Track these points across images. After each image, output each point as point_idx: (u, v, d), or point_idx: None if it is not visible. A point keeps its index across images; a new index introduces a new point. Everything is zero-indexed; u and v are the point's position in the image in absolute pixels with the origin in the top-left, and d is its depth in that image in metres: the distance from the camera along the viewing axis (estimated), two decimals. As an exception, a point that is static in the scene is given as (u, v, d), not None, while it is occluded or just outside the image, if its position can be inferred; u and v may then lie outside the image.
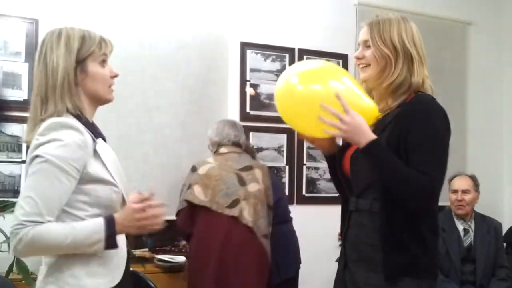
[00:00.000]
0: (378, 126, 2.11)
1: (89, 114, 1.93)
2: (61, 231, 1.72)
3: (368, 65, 2.16)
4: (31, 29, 3.80)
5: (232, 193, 3.44)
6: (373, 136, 2.00)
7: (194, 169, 3.58)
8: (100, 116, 3.79)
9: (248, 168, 3.53)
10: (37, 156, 1.72)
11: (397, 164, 1.99)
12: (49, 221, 1.70)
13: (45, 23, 3.74)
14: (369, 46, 2.15)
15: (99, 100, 1.97)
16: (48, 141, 1.73)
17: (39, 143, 1.74)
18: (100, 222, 1.77)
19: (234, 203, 3.43)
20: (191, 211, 3.52)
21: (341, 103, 2.00)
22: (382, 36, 2.12)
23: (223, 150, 3.62)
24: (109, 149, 1.96)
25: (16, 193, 3.66)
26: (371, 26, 2.16)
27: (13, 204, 3.40)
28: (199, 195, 3.46)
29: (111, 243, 1.78)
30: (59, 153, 1.72)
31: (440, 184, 2.03)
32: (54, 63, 1.84)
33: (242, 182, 3.46)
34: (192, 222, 3.52)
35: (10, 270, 3.36)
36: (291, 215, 4.04)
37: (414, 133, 2.01)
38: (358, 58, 2.20)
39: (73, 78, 1.85)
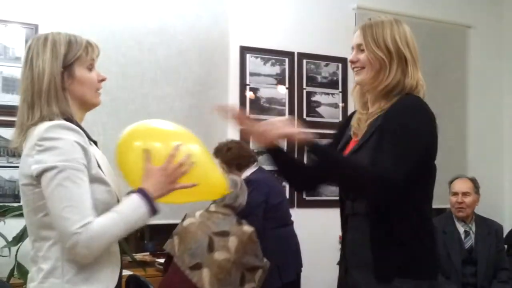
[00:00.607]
0: (368, 130, 2.11)
1: (78, 119, 1.92)
2: (112, 220, 1.76)
3: (362, 68, 2.14)
4: (30, 35, 3.80)
5: (197, 255, 3.24)
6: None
7: (184, 217, 3.48)
8: (101, 121, 3.89)
9: (224, 234, 3.27)
10: (51, 168, 1.71)
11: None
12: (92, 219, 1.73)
13: (45, 29, 3.73)
14: (363, 50, 2.13)
15: (86, 104, 1.95)
16: (52, 148, 1.73)
17: (43, 149, 1.73)
18: (136, 198, 1.82)
19: (197, 266, 3.23)
20: (169, 259, 3.45)
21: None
22: (376, 39, 2.10)
23: (212, 208, 3.44)
24: (100, 152, 1.97)
25: (16, 197, 3.65)
26: (364, 29, 2.14)
27: (13, 209, 3.41)
28: (176, 246, 3.35)
29: (154, 210, 1.85)
30: (68, 156, 1.73)
31: (391, 178, 1.92)
32: (40, 68, 1.83)
33: (210, 248, 3.24)
34: (166, 271, 3.46)
35: (11, 274, 3.36)
36: (292, 218, 4.03)
37: (387, 132, 2.00)
38: (352, 62, 2.18)
39: (59, 83, 1.84)
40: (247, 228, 3.34)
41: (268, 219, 3.80)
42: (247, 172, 3.88)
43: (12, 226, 3.36)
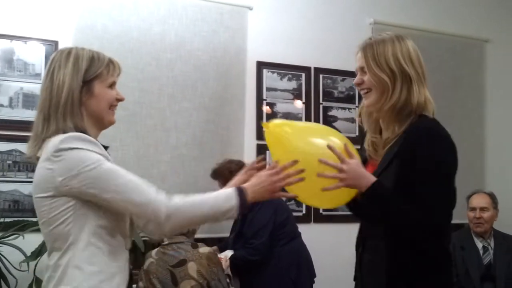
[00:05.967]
0: (386, 157, 2.07)
1: (93, 136, 1.92)
2: (196, 203, 1.86)
3: (369, 90, 2.10)
4: (50, 51, 3.85)
5: None
6: (371, 179, 1.97)
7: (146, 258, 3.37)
8: (118, 136, 3.92)
9: (181, 263, 3.16)
10: (87, 169, 1.76)
11: (395, 201, 1.96)
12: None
13: (64, 45, 3.77)
14: (366, 72, 2.10)
15: (101, 121, 1.97)
16: (73, 155, 1.76)
17: (63, 158, 1.76)
18: (231, 191, 1.91)
19: None
20: None
21: (335, 152, 1.96)
22: (377, 60, 2.06)
23: (165, 241, 3.32)
24: None
25: (35, 212, 3.64)
26: (365, 50, 2.10)
27: (32, 224, 3.44)
28: None
29: (243, 209, 1.92)
30: (92, 159, 1.78)
31: (441, 216, 1.96)
32: (60, 81, 1.86)
33: (174, 281, 3.15)
34: None
35: (29, 289, 3.39)
36: (308, 233, 4.03)
37: (419, 164, 1.95)
38: (357, 84, 2.15)
39: (77, 97, 1.87)
40: (203, 250, 3.26)
41: (278, 236, 3.80)
42: None
43: (30, 241, 3.39)
